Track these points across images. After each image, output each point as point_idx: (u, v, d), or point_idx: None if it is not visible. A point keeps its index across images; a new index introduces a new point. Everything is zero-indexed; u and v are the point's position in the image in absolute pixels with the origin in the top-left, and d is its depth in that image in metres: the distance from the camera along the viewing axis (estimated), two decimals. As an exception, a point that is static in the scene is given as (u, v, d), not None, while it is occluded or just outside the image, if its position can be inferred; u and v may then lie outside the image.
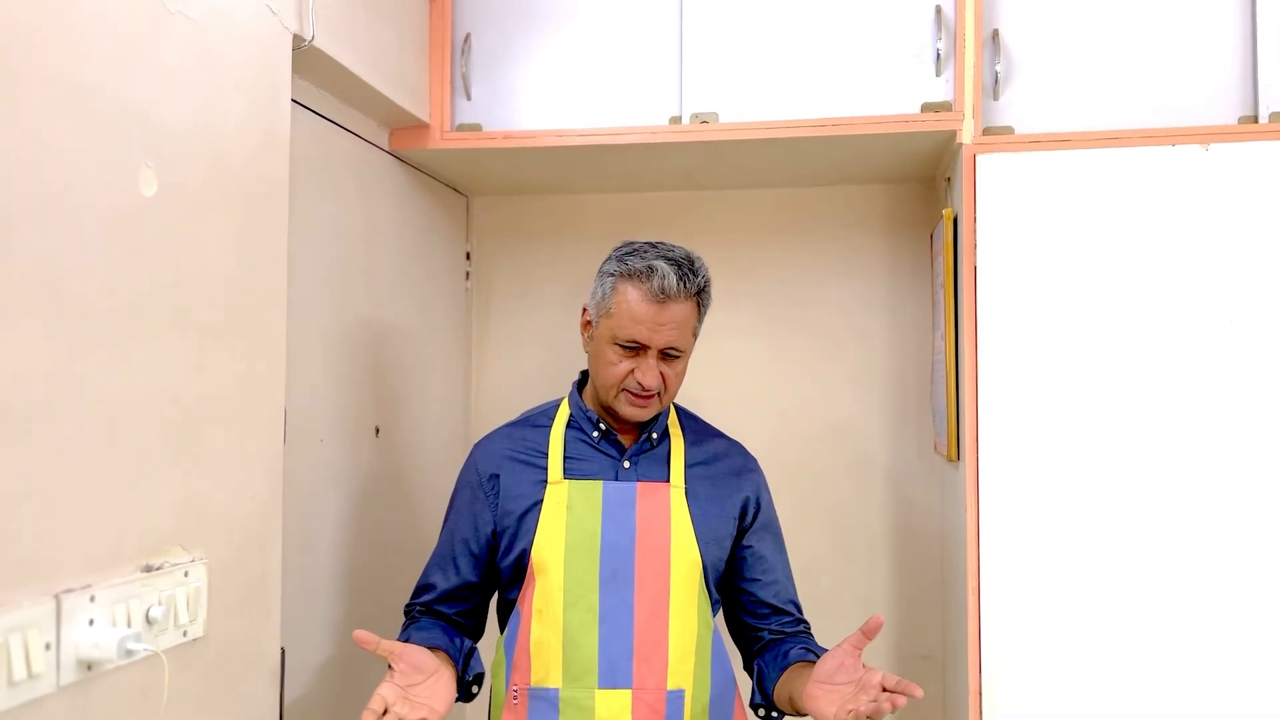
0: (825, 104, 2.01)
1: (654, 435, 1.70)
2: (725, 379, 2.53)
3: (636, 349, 1.60)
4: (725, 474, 1.73)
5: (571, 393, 1.75)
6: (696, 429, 1.78)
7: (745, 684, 1.75)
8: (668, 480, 1.67)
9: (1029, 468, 1.86)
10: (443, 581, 1.72)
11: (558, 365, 2.61)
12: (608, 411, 1.69)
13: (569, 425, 1.71)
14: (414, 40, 2.03)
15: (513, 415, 2.64)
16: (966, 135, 1.94)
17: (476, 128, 2.12)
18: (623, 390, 1.62)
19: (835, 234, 2.51)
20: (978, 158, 1.90)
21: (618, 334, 1.60)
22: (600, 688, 1.58)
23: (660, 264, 1.58)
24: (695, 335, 1.66)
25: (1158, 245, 1.83)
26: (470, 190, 2.58)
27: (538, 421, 1.75)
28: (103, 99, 1.16)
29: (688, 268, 1.60)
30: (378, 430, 2.06)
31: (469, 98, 2.12)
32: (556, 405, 1.76)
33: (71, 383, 1.11)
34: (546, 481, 1.66)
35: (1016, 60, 1.96)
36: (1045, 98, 1.95)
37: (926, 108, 1.97)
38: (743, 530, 1.73)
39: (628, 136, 2.06)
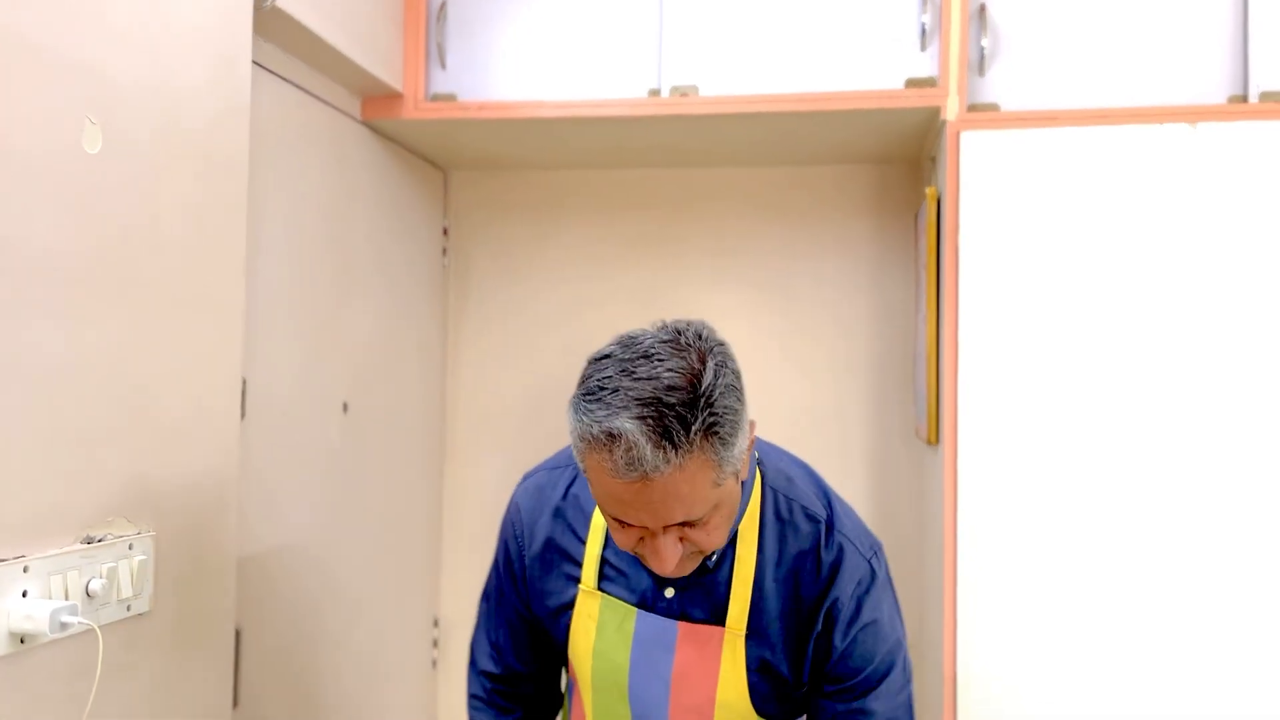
0: (808, 78, 1.97)
1: (711, 556, 1.20)
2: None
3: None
4: (807, 604, 1.21)
5: None
6: (787, 519, 1.23)
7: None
8: (722, 623, 1.21)
9: (1008, 452, 1.82)
10: (522, 651, 1.37)
11: (537, 344, 2.57)
12: None
13: None
14: (387, 5, 1.98)
15: (490, 393, 2.63)
16: (951, 112, 1.89)
17: (451, 98, 2.07)
18: (640, 554, 1.13)
19: (821, 214, 2.47)
20: (962, 135, 1.85)
21: (603, 505, 1.10)
22: None
23: (625, 424, 1.00)
24: (727, 479, 1.06)
25: (1144, 226, 1.79)
26: (447, 164, 2.54)
27: (584, 488, 1.29)
28: (45, 52, 1.11)
29: (675, 416, 1.00)
30: (346, 406, 2.01)
31: (444, 66, 2.07)
32: None
33: (6, 345, 1.07)
34: (579, 582, 1.27)
35: (1003, 36, 1.91)
36: (1032, 75, 1.91)
37: (911, 83, 1.93)
38: (816, 636, 1.22)
39: (606, 109, 2.02)
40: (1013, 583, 1.81)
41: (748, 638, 1.21)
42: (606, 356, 1.07)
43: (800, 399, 2.46)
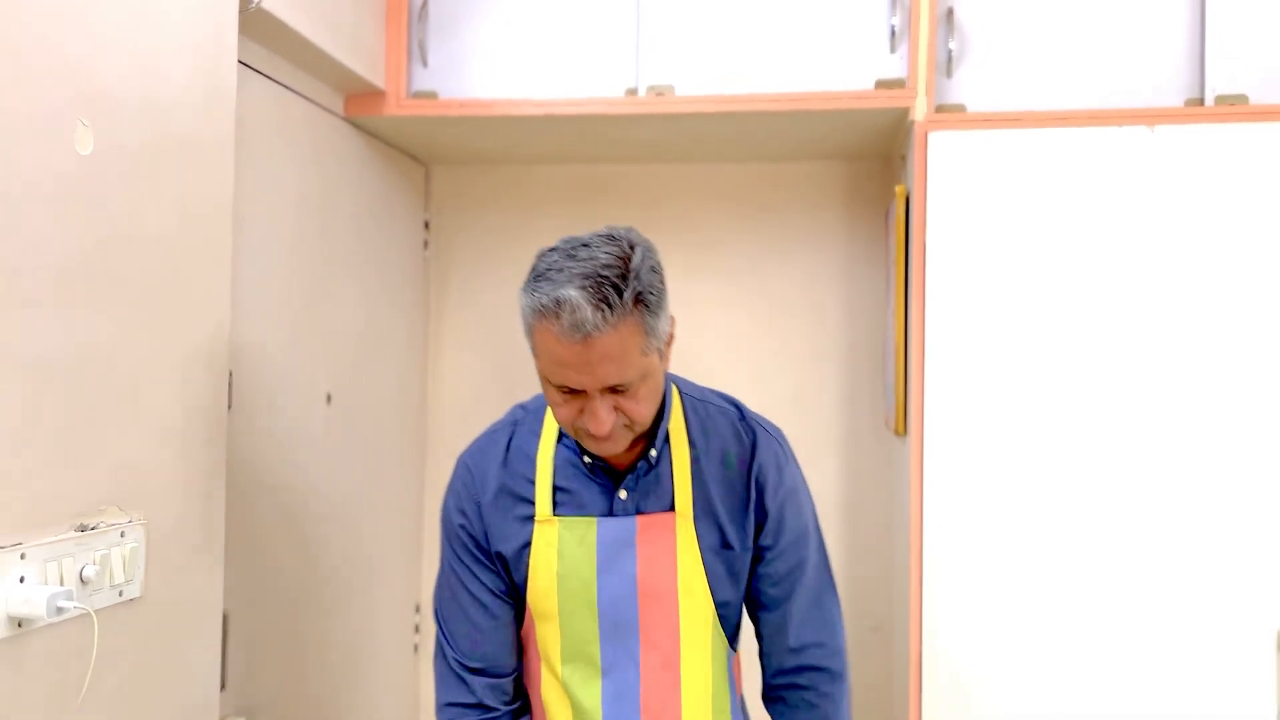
0: (781, 79, 2.02)
1: (652, 453, 1.38)
2: (681, 351, 2.54)
3: (575, 390, 1.27)
4: (736, 483, 1.41)
5: None
6: (705, 422, 1.44)
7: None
8: (672, 508, 1.39)
9: (974, 444, 1.89)
10: (501, 647, 1.44)
11: (517, 335, 2.60)
12: None
13: (559, 439, 1.41)
14: (370, 5, 2.01)
15: (471, 385, 2.67)
16: (919, 112, 1.95)
17: (433, 95, 2.11)
18: (577, 429, 1.31)
19: (794, 210, 2.52)
20: (929, 135, 1.91)
21: (549, 377, 1.28)
22: None
23: (570, 293, 1.20)
24: (653, 350, 1.27)
25: (1104, 225, 1.86)
26: (429, 159, 2.58)
27: (524, 436, 1.43)
28: (36, 55, 1.15)
29: (610, 285, 1.21)
30: (329, 397, 2.06)
31: (425, 64, 2.11)
32: (544, 409, 1.44)
33: (1, 341, 1.11)
34: (534, 518, 1.39)
35: (970, 39, 1.97)
36: (997, 77, 1.96)
37: (880, 84, 1.98)
38: (760, 545, 1.43)
39: (584, 107, 2.06)
40: (977, 571, 1.88)
41: (696, 521, 1.38)
42: (552, 250, 1.28)
43: (773, 390, 2.52)
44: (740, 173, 2.54)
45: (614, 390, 1.26)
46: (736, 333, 2.54)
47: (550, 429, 1.42)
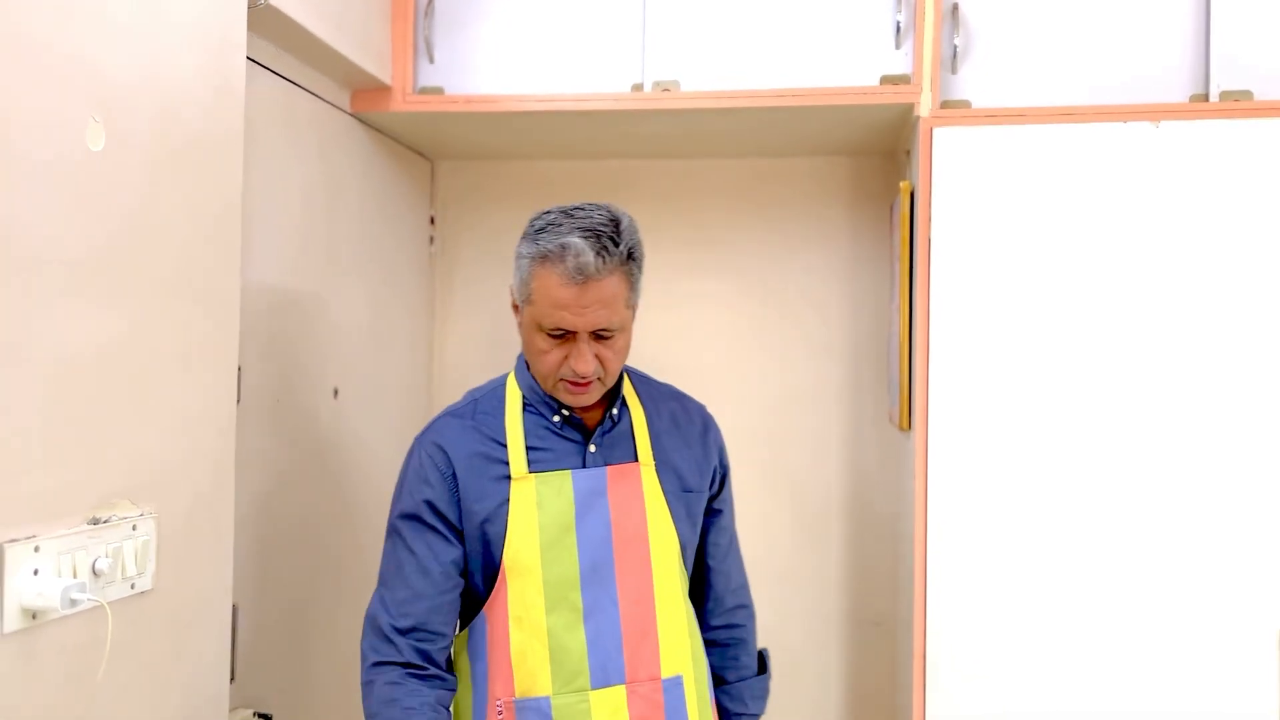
0: (786, 74, 2.02)
1: (614, 412, 1.56)
2: (685, 347, 2.55)
3: (565, 334, 1.45)
4: (691, 440, 1.63)
5: (519, 370, 1.59)
6: (650, 392, 1.66)
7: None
8: (636, 459, 1.56)
9: (978, 439, 1.89)
10: (434, 611, 1.49)
11: (521, 331, 2.63)
12: None
13: (525, 409, 1.55)
14: (376, 1, 2.02)
15: (476, 379, 2.67)
16: (924, 108, 1.95)
17: (439, 91, 2.12)
18: (560, 379, 1.48)
19: (798, 205, 2.53)
20: (934, 131, 1.92)
21: (542, 321, 1.45)
22: (593, 688, 1.48)
23: (574, 240, 1.41)
24: (631, 307, 1.49)
25: (1109, 221, 1.86)
26: (434, 154, 2.58)
27: (488, 407, 1.58)
28: (49, 52, 1.16)
29: (609, 236, 1.42)
30: (336, 392, 2.07)
31: (432, 60, 2.12)
32: (502, 386, 1.60)
33: (15, 335, 1.12)
34: (510, 477, 1.50)
35: (975, 34, 1.98)
36: (1003, 72, 1.97)
37: (885, 80, 1.99)
38: (710, 498, 1.65)
39: (589, 103, 2.07)
40: (982, 566, 1.89)
41: (657, 469, 1.57)
42: (548, 211, 1.49)
43: (777, 385, 2.52)
44: (745, 168, 2.55)
45: (598, 338, 1.46)
46: (740, 328, 2.54)
47: (514, 399, 1.57)
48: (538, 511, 1.49)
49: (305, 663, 1.97)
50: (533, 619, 1.48)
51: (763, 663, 1.74)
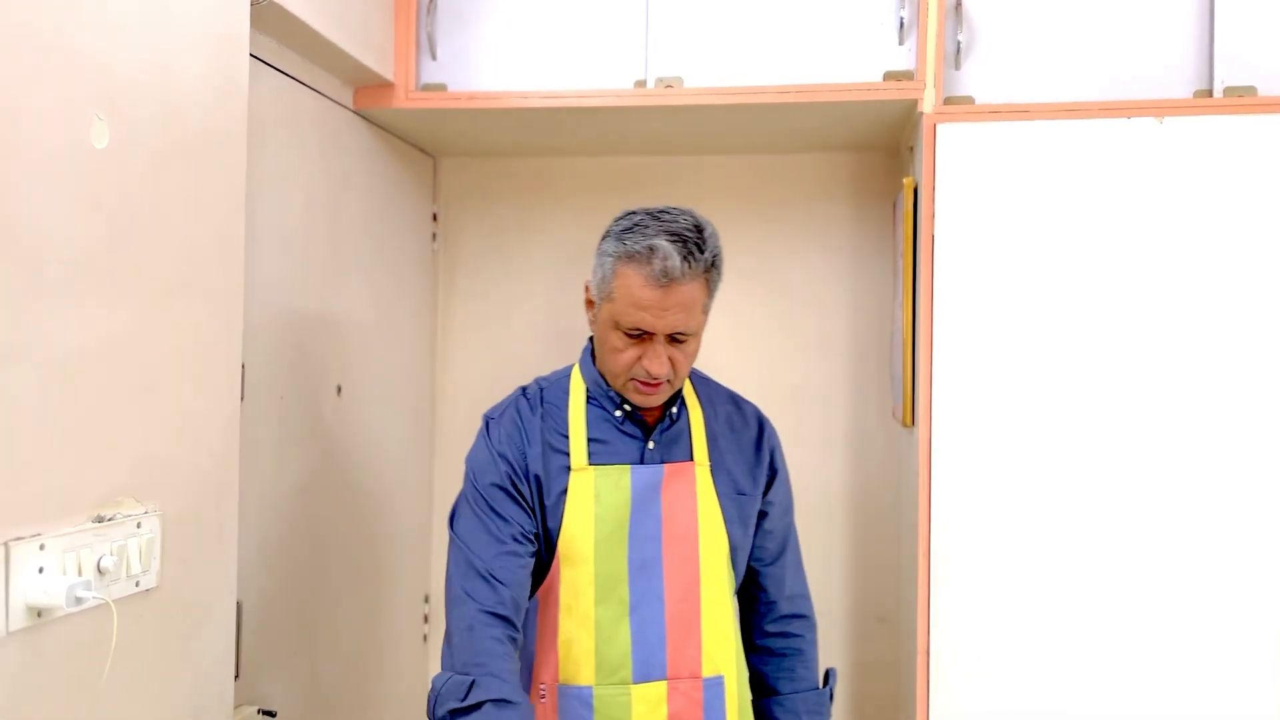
0: (789, 70, 2.02)
1: (674, 410, 1.58)
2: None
3: (642, 334, 1.47)
4: (745, 444, 1.64)
5: (584, 364, 1.61)
6: (709, 393, 1.67)
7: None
8: (691, 459, 1.58)
9: (981, 434, 1.89)
10: (512, 590, 1.49)
11: (525, 326, 2.63)
12: None
13: (588, 401, 1.58)
14: (379, -2, 2.02)
15: (479, 375, 2.68)
16: (927, 104, 1.95)
17: (441, 88, 2.11)
18: (631, 379, 1.50)
19: (801, 201, 2.53)
20: (938, 127, 1.91)
21: (620, 320, 1.47)
22: (635, 682, 1.50)
23: (662, 242, 1.43)
24: (706, 312, 1.52)
25: (1113, 217, 1.86)
26: (437, 151, 2.58)
27: (553, 396, 1.60)
28: (53, 49, 1.16)
29: (694, 242, 1.45)
30: (340, 389, 2.07)
31: (434, 57, 2.12)
32: (567, 377, 1.62)
33: (20, 333, 1.12)
34: (569, 468, 1.54)
35: (979, 30, 1.97)
36: (1006, 68, 1.97)
37: (888, 76, 1.98)
38: (766, 502, 1.65)
39: (592, 99, 2.07)
40: (985, 562, 1.89)
41: (712, 470, 1.58)
42: (633, 212, 1.52)
43: (781, 381, 2.52)
44: (748, 164, 2.54)
45: (672, 340, 1.48)
46: (744, 324, 2.54)
47: (578, 392, 1.59)
48: (595, 504, 1.52)
49: (310, 659, 1.97)
50: (582, 608, 1.51)
51: (826, 679, 1.72)
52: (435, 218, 2.63)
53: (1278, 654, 1.80)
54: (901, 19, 1.97)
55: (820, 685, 1.71)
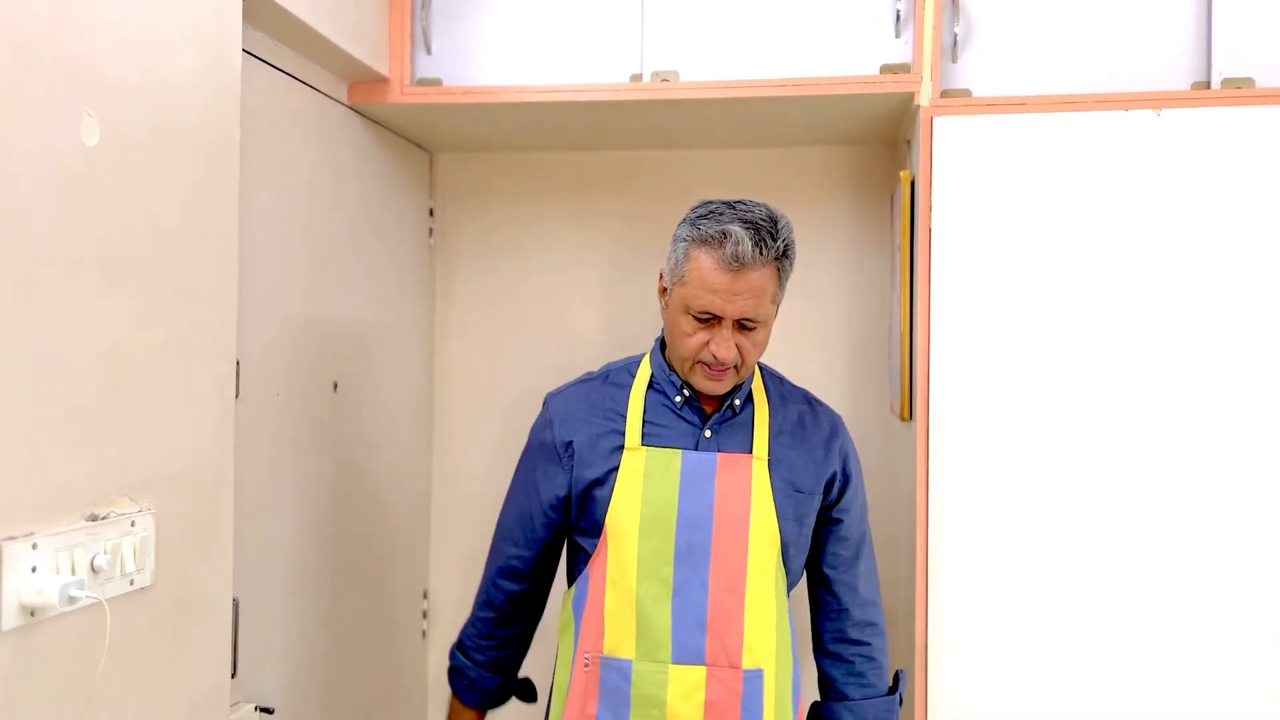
0: (785, 64, 2.01)
1: (736, 403, 1.62)
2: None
3: (711, 319, 1.51)
4: (814, 444, 1.65)
5: (654, 351, 1.67)
6: (782, 392, 1.70)
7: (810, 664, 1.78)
8: (750, 451, 1.60)
9: (979, 428, 1.89)
10: (521, 548, 1.70)
11: (522, 321, 2.62)
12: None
13: (650, 386, 1.63)
14: (373, -7, 2.01)
15: (476, 371, 2.68)
16: (924, 97, 1.94)
17: (437, 82, 2.11)
18: (698, 363, 1.54)
19: (799, 195, 2.52)
20: (934, 120, 1.91)
21: (690, 303, 1.51)
22: (674, 663, 1.54)
23: (735, 228, 1.48)
24: (777, 303, 1.55)
25: (1111, 210, 1.85)
26: (433, 146, 2.57)
27: (618, 379, 1.67)
28: (43, 46, 1.15)
29: (767, 230, 1.49)
30: (336, 385, 2.06)
31: (429, 52, 2.11)
32: (638, 362, 1.69)
33: (12, 332, 1.11)
34: (623, 447, 1.60)
35: (975, 23, 1.96)
36: (1003, 61, 1.96)
37: (885, 69, 1.98)
38: (827, 505, 1.67)
39: (588, 94, 2.06)
40: (983, 556, 1.88)
41: (770, 465, 1.60)
42: (709, 201, 1.57)
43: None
44: (745, 158, 2.54)
45: (742, 327, 1.51)
46: (742, 319, 2.53)
47: (643, 376, 1.65)
48: (644, 483, 1.57)
49: (307, 656, 1.97)
50: (625, 583, 1.55)
51: (895, 684, 1.74)
52: (432, 213, 2.62)
53: (1276, 645, 1.80)
54: (898, 12, 1.96)
55: (889, 691, 1.72)
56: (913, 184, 2.01)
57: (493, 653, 1.75)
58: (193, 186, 1.42)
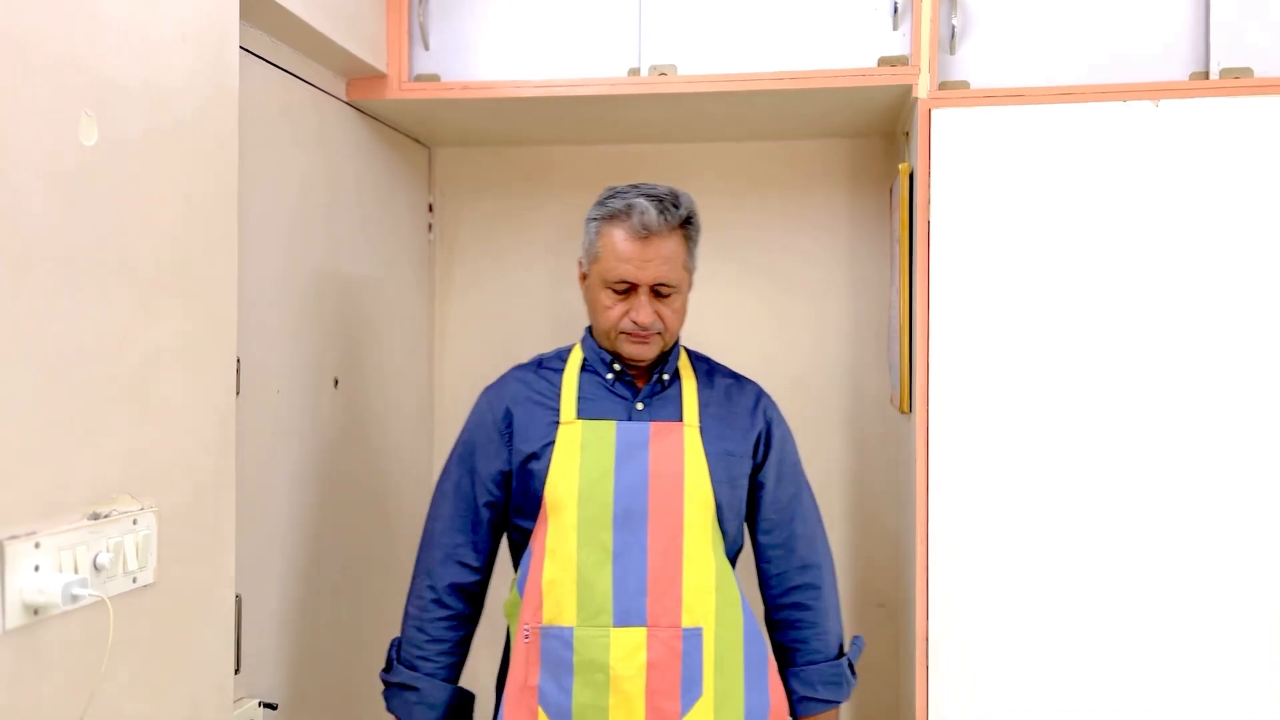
0: (783, 57, 2.01)
1: (665, 376, 1.72)
2: (685, 330, 2.54)
3: (627, 290, 1.63)
4: (740, 410, 1.75)
5: (585, 337, 1.77)
6: (709, 369, 1.81)
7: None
8: (681, 420, 1.69)
9: (978, 421, 1.89)
10: (466, 534, 1.74)
11: (522, 316, 2.62)
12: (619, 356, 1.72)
13: (583, 368, 1.73)
14: (370, -12, 2.01)
15: (477, 366, 2.68)
16: (922, 89, 1.94)
17: (435, 78, 2.11)
18: (621, 333, 1.64)
19: (797, 188, 2.52)
20: (933, 112, 1.90)
21: (607, 276, 1.63)
22: (615, 625, 1.59)
23: (640, 201, 1.61)
24: (689, 270, 1.68)
25: (1109, 202, 1.85)
26: (432, 141, 2.57)
27: (550, 364, 1.77)
28: (39, 44, 1.15)
29: (670, 201, 1.63)
30: (337, 381, 2.07)
31: (427, 48, 2.11)
32: (569, 349, 1.78)
33: (12, 331, 1.12)
34: (559, 422, 1.68)
35: (973, 14, 1.96)
36: (1001, 53, 1.96)
37: (883, 61, 1.97)
38: (756, 468, 1.75)
39: (586, 88, 2.06)
40: (984, 548, 1.89)
41: (701, 431, 1.68)
42: (615, 186, 1.69)
43: (777, 368, 2.52)
44: (743, 151, 2.53)
45: (657, 295, 1.63)
46: (740, 311, 2.54)
47: (575, 359, 1.75)
48: (580, 454, 1.64)
49: (310, 652, 1.98)
50: (565, 553, 1.61)
51: (841, 650, 1.78)
52: (431, 208, 2.62)
53: (1278, 640, 1.80)
54: (895, 4, 1.96)
55: (837, 655, 1.75)
56: (911, 176, 2.01)
57: (444, 659, 1.74)
58: (191, 184, 1.42)
